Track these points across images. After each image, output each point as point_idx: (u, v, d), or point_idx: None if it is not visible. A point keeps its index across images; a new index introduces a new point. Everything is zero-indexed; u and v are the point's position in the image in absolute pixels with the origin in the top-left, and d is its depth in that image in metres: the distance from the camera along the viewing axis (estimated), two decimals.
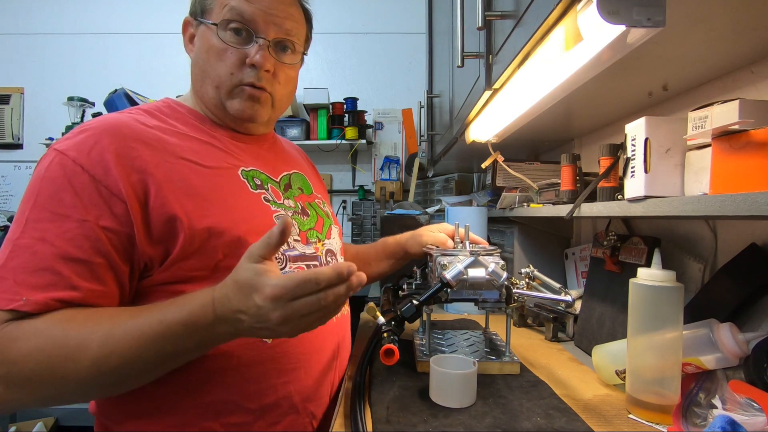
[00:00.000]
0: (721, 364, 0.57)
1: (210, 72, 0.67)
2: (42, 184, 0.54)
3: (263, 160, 0.74)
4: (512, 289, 0.73)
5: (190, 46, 0.71)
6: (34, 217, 0.52)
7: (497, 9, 0.65)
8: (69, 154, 0.55)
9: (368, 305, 0.75)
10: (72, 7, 2.78)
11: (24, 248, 0.51)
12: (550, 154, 1.48)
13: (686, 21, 0.53)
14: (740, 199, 0.42)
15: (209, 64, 0.67)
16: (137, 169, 0.56)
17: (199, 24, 0.69)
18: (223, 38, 0.66)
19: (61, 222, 0.52)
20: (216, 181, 0.63)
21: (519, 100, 0.84)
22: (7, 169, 2.76)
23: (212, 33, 0.66)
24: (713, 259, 0.73)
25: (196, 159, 0.63)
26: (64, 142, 0.57)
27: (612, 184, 0.72)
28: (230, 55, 0.66)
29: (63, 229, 0.52)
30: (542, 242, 1.26)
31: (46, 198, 0.53)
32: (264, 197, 0.69)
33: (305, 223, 0.74)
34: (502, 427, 0.55)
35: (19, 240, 0.51)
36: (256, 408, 0.61)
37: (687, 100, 0.78)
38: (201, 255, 0.58)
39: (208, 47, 0.67)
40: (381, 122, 2.68)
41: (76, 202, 0.53)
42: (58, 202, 0.53)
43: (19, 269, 0.50)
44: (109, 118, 0.61)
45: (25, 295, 0.49)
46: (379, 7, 2.76)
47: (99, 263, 0.53)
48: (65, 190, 0.53)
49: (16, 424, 1.82)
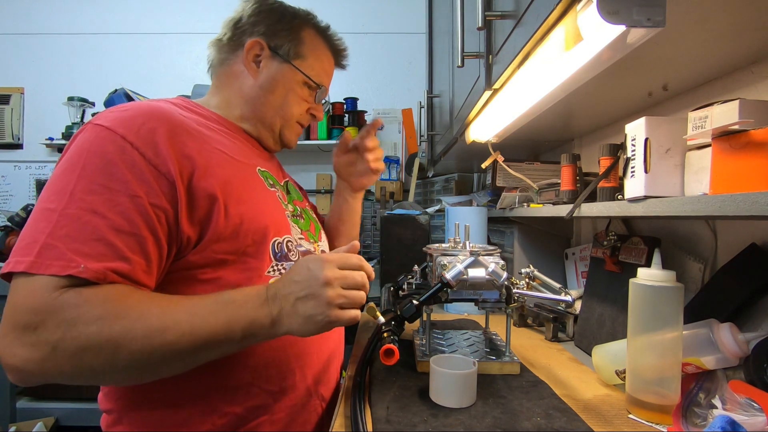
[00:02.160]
0: (721, 364, 0.57)
1: (283, 108, 0.79)
2: (88, 157, 0.54)
3: (269, 165, 0.79)
4: (512, 289, 0.73)
5: (253, 66, 0.76)
6: (81, 188, 0.52)
7: (497, 9, 0.65)
8: (117, 131, 0.55)
9: (368, 305, 0.75)
10: (72, 7, 2.77)
11: (73, 218, 0.51)
12: (550, 154, 1.48)
13: (686, 21, 0.53)
14: (740, 199, 0.42)
15: (285, 101, 0.78)
16: (183, 154, 0.58)
17: (279, 60, 0.76)
18: (308, 96, 0.81)
19: (113, 195, 0.53)
20: (244, 173, 0.68)
21: (519, 100, 0.84)
22: (7, 169, 2.76)
23: (299, 80, 0.78)
24: (713, 259, 0.73)
25: (227, 151, 0.67)
26: (107, 118, 0.57)
27: (612, 184, 0.72)
28: (306, 104, 0.82)
29: (115, 202, 0.53)
30: (542, 242, 1.26)
31: (95, 171, 0.53)
32: (278, 195, 0.74)
33: (303, 224, 0.78)
34: (502, 427, 0.55)
35: (66, 210, 0.51)
36: (277, 390, 0.65)
37: (687, 100, 0.78)
38: (232, 239, 0.61)
39: (291, 88, 0.78)
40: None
41: (128, 177, 0.54)
42: (109, 176, 0.53)
43: (71, 238, 0.50)
44: (151, 102, 0.63)
45: (82, 263, 0.49)
46: (379, 7, 2.76)
47: (147, 238, 0.54)
48: (115, 165, 0.54)
49: (16, 424, 1.82)
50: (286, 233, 0.70)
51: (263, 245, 0.65)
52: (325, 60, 0.82)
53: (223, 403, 0.61)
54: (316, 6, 0.80)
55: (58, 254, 0.49)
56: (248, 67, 0.76)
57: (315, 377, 0.70)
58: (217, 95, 0.78)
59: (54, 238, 0.50)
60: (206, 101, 0.78)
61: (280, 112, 0.78)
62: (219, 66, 0.79)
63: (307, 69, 0.78)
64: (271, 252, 0.66)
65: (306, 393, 0.68)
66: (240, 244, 0.62)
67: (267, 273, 0.65)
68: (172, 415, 0.60)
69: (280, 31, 0.76)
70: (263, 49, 0.76)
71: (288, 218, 0.73)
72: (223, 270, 0.61)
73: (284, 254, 0.68)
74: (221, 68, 0.78)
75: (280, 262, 0.67)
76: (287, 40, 0.77)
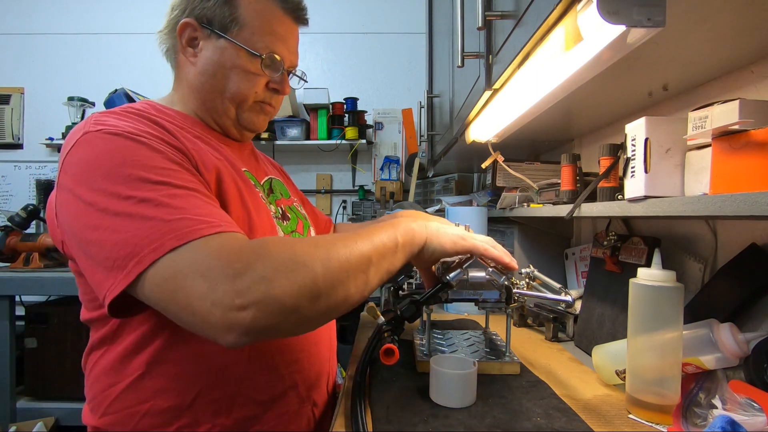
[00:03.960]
0: (721, 364, 0.57)
1: (230, 88, 0.68)
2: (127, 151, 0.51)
3: (248, 163, 0.76)
4: (512, 289, 0.72)
5: (189, 51, 0.68)
6: (147, 176, 0.49)
7: (497, 9, 0.65)
8: (123, 131, 0.53)
9: (368, 305, 0.76)
10: (72, 7, 2.77)
11: (171, 196, 0.48)
12: (550, 154, 1.48)
13: (686, 21, 0.53)
14: (740, 199, 0.42)
15: (231, 80, 0.68)
16: (186, 148, 0.57)
17: (215, 37, 0.67)
18: (261, 68, 0.68)
19: (181, 174, 0.52)
20: (231, 174, 0.65)
21: (519, 100, 0.84)
22: (7, 169, 2.76)
23: (240, 54, 0.67)
24: (713, 259, 0.73)
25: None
26: (104, 123, 0.54)
27: (612, 184, 0.72)
28: (259, 79, 0.69)
29: (186, 179, 0.52)
30: (542, 242, 1.26)
31: (146, 158, 0.51)
32: (261, 196, 0.71)
33: (287, 226, 0.75)
34: (502, 427, 0.55)
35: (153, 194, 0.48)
36: (266, 399, 0.62)
37: (687, 100, 0.78)
38: None
39: (233, 65, 0.67)
40: (381, 122, 2.68)
41: (174, 157, 0.54)
42: (163, 159, 0.52)
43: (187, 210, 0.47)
44: (130, 106, 0.61)
45: (222, 223, 0.48)
46: (379, 7, 2.76)
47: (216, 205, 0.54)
48: (158, 151, 0.53)
49: (16, 424, 1.82)
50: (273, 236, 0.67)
51: None
52: (274, 21, 0.68)
53: (211, 416, 0.59)
54: (316, 6, 0.79)
55: (194, 222, 0.46)
56: (185, 53, 0.68)
57: (307, 383, 0.67)
58: (174, 92, 0.73)
59: (173, 214, 0.46)
60: (169, 101, 0.72)
61: (227, 95, 0.68)
62: (168, 60, 0.73)
63: (247, 37, 0.66)
64: None
65: (298, 400, 0.66)
66: None
67: None
68: (160, 429, 0.58)
69: (209, 1, 0.66)
70: (196, 30, 0.67)
71: (273, 220, 0.70)
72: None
73: None
74: (170, 62, 0.72)
75: None
76: (219, 11, 0.66)
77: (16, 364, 1.83)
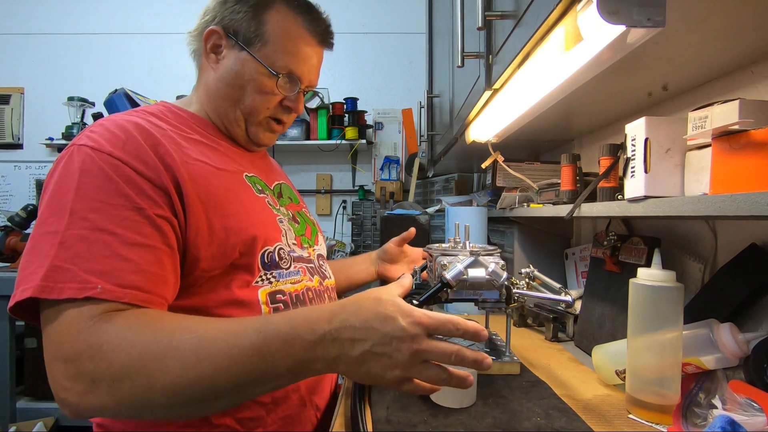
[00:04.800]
0: (721, 364, 0.57)
1: (245, 99, 0.70)
2: (82, 177, 0.52)
3: (259, 168, 0.77)
4: (512, 289, 0.72)
5: (212, 57, 0.71)
6: (82, 208, 0.50)
7: (497, 9, 0.65)
8: (104, 149, 0.54)
9: None
10: (72, 7, 2.77)
11: (79, 238, 0.49)
12: (550, 154, 1.48)
13: (686, 21, 0.53)
14: (740, 199, 0.42)
15: (246, 92, 0.70)
16: (169, 166, 0.57)
17: (238, 48, 0.69)
18: (276, 87, 0.70)
19: (117, 211, 0.51)
20: (229, 182, 0.65)
21: (519, 100, 0.84)
22: (7, 169, 2.76)
23: (259, 69, 0.69)
24: (713, 259, 0.73)
25: (209, 161, 0.65)
26: (89, 138, 0.55)
27: (612, 184, 0.72)
28: (274, 97, 0.71)
29: (121, 217, 0.51)
30: (542, 242, 1.26)
31: (92, 189, 0.51)
32: (267, 201, 0.72)
33: (298, 229, 0.76)
34: (502, 427, 0.55)
35: (69, 231, 0.49)
36: (269, 401, 0.62)
37: (687, 100, 0.78)
38: (219, 253, 0.59)
39: (250, 78, 0.69)
40: (381, 122, 2.68)
41: (127, 192, 0.53)
42: (108, 192, 0.52)
43: (81, 258, 0.48)
44: (123, 117, 0.60)
45: (99, 284, 0.47)
46: (379, 7, 2.76)
47: (162, 249, 0.53)
48: (112, 181, 0.52)
49: (16, 424, 1.82)
50: (276, 241, 0.68)
51: (252, 256, 0.63)
52: (299, 41, 0.70)
53: (215, 417, 0.59)
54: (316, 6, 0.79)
55: (71, 276, 0.47)
56: (208, 58, 0.71)
57: (309, 386, 0.67)
58: (194, 93, 0.75)
59: (62, 260, 0.48)
60: (188, 102, 0.75)
61: (240, 107, 0.70)
62: (194, 61, 0.75)
63: (269, 54, 0.68)
64: (260, 262, 0.64)
65: (300, 403, 0.66)
66: (226, 258, 0.60)
67: (255, 283, 0.63)
68: (163, 428, 0.58)
69: (239, 14, 0.68)
70: (221, 38, 0.69)
71: (279, 224, 0.70)
72: (213, 283, 0.60)
73: (275, 263, 0.66)
74: (195, 63, 0.75)
75: (269, 270, 0.65)
76: (246, 24, 0.68)
77: (16, 364, 1.83)
